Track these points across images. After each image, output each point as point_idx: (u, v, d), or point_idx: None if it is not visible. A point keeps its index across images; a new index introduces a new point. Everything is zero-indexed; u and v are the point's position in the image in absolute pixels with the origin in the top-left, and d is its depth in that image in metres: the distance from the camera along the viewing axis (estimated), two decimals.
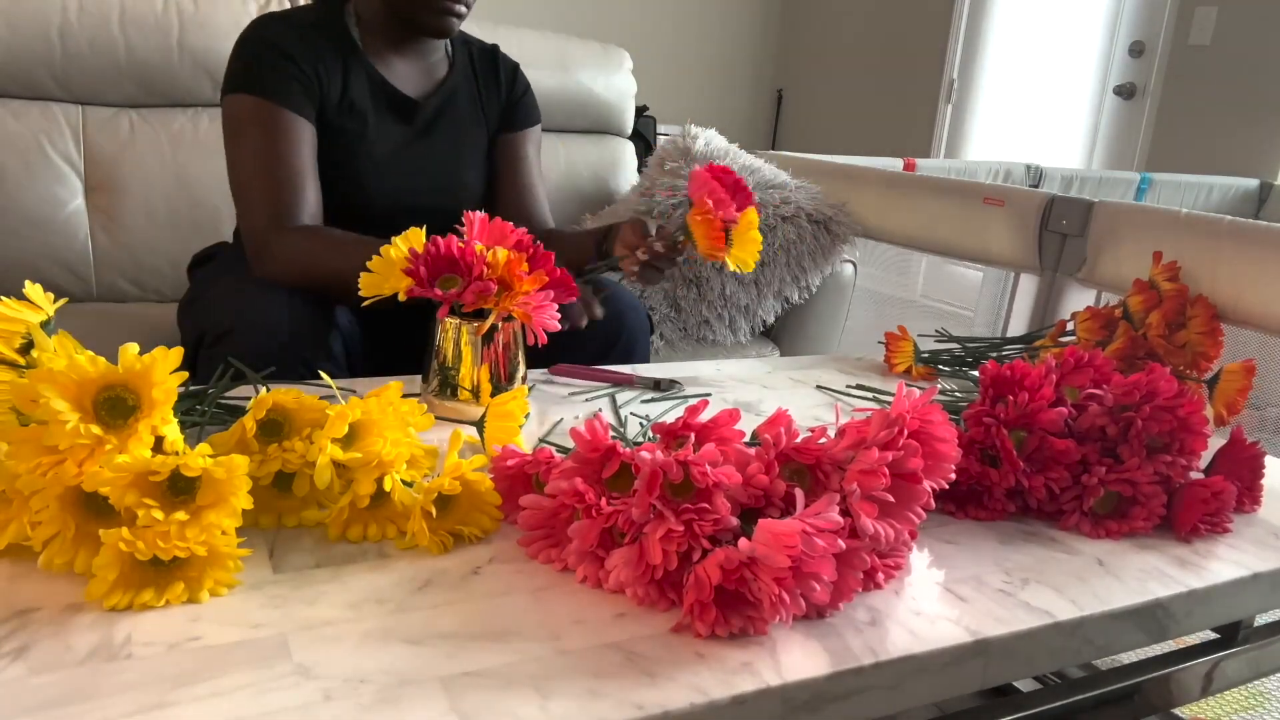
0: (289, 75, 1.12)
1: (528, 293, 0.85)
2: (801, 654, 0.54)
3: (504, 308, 0.85)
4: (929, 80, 4.22)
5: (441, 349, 0.90)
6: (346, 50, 1.19)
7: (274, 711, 0.46)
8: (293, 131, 1.12)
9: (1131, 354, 1.18)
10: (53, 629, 0.52)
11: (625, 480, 0.62)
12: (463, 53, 1.32)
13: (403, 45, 1.23)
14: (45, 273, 1.54)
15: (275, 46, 1.13)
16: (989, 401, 0.78)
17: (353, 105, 1.18)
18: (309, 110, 1.14)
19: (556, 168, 1.98)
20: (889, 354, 1.20)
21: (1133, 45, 3.50)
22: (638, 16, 4.59)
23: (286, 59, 1.13)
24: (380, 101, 1.21)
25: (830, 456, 0.62)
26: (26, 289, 0.65)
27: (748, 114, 5.05)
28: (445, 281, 0.85)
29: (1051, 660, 0.63)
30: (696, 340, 1.77)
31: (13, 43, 1.50)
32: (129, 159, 1.59)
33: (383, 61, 1.22)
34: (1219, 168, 3.01)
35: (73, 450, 0.55)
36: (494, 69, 1.34)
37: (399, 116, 1.23)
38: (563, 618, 0.57)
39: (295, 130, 1.12)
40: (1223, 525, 0.77)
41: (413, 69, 1.25)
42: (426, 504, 0.63)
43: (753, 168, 1.83)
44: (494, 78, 1.33)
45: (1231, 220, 1.24)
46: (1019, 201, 1.55)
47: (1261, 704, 1.33)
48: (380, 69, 1.21)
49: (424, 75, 1.26)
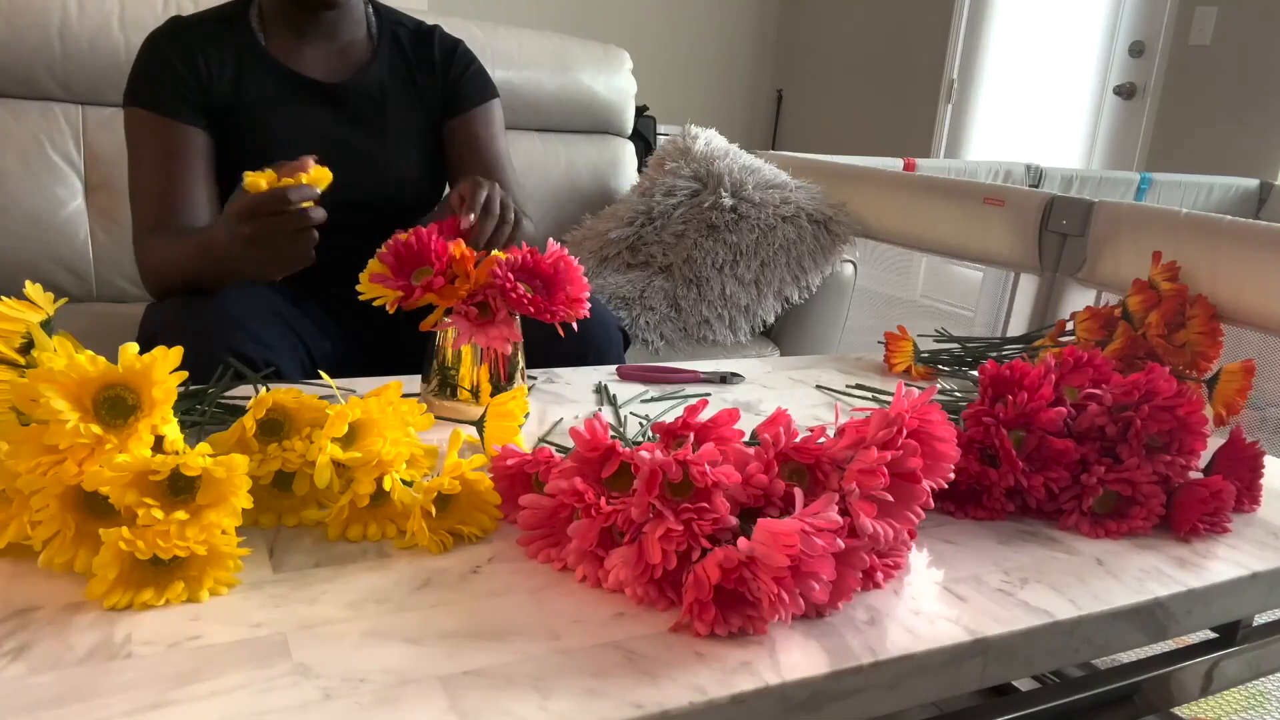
0: (173, 84, 1.11)
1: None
2: (800, 653, 0.55)
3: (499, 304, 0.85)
4: (929, 80, 4.22)
5: (441, 348, 0.90)
6: (246, 47, 1.16)
7: (274, 711, 0.46)
8: (177, 140, 1.11)
9: (1131, 354, 1.18)
10: (53, 628, 0.52)
11: (625, 480, 0.62)
12: (390, 36, 1.26)
13: (304, 29, 1.19)
14: (45, 273, 1.54)
15: (159, 54, 1.12)
16: (988, 401, 0.78)
17: (254, 99, 1.15)
18: (196, 117, 1.12)
19: (556, 168, 1.98)
20: (889, 354, 1.20)
21: (1133, 45, 3.50)
22: (638, 16, 4.59)
23: (171, 68, 1.12)
24: (289, 91, 1.18)
25: (829, 456, 0.62)
26: (26, 289, 0.65)
27: (748, 114, 5.05)
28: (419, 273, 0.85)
29: (1050, 660, 0.63)
30: (696, 340, 1.77)
31: (13, 43, 1.50)
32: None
33: (289, 51, 1.18)
34: (1219, 168, 3.01)
35: (73, 450, 0.55)
36: (428, 49, 1.27)
37: (315, 103, 1.19)
38: (562, 617, 0.57)
39: (180, 138, 1.11)
40: (1222, 525, 0.77)
41: (323, 54, 1.20)
42: (426, 503, 0.63)
43: (753, 168, 1.83)
44: (428, 58, 1.27)
45: (1231, 220, 1.24)
46: (1019, 201, 1.55)
47: (1261, 704, 1.33)
48: (287, 60, 1.18)
49: (338, 60, 1.21)
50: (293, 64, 1.18)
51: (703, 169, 1.81)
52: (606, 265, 1.81)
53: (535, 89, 1.94)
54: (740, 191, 1.76)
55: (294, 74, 1.18)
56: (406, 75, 1.25)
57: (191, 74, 1.12)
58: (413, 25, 1.29)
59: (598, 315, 1.19)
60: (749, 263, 1.74)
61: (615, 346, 1.21)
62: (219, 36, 1.15)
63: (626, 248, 1.81)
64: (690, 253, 1.75)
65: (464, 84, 1.28)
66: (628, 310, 1.72)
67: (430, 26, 1.29)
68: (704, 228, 1.75)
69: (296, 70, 1.18)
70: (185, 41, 1.13)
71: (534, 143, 1.97)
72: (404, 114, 1.25)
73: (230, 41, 1.16)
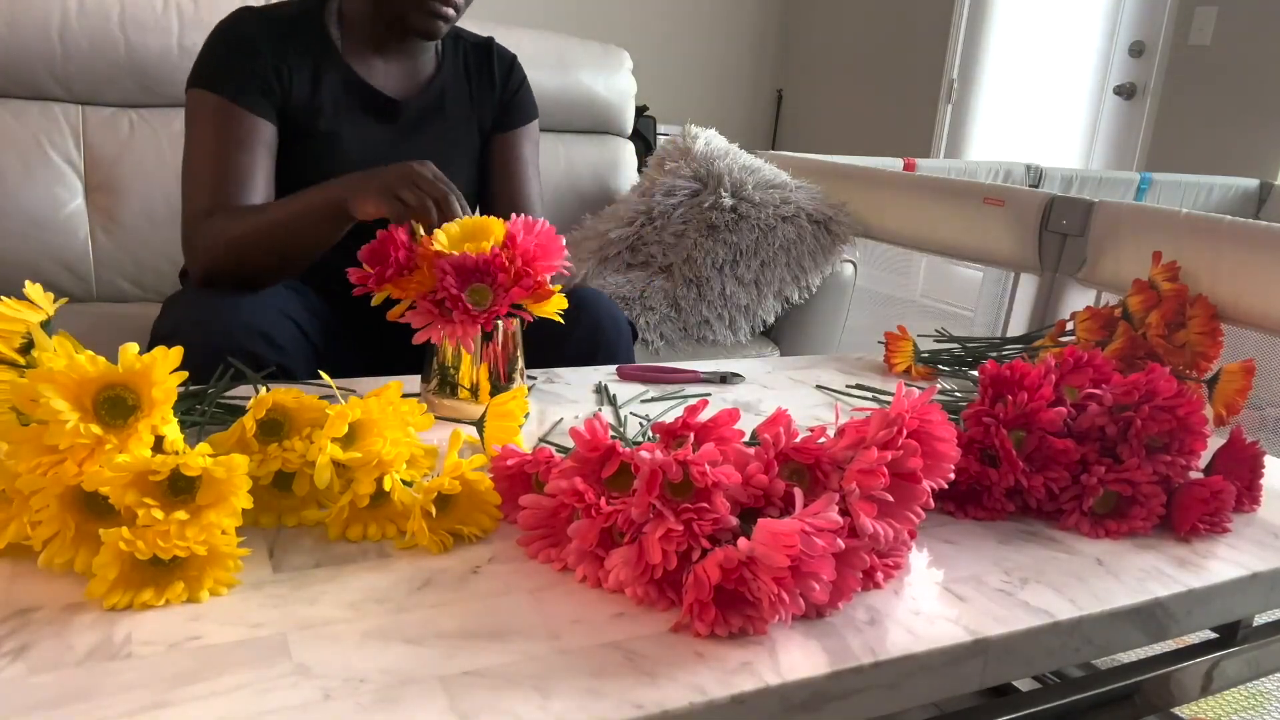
0: (249, 73, 1.10)
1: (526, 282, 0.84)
2: (801, 653, 0.55)
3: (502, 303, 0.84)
4: (929, 80, 4.22)
5: (442, 347, 0.89)
6: (321, 50, 1.15)
7: (274, 711, 0.46)
8: (244, 129, 1.10)
9: (1131, 354, 1.18)
10: (53, 629, 0.52)
11: (625, 480, 0.62)
12: (453, 49, 1.27)
13: (386, 46, 1.19)
14: (45, 273, 1.54)
15: (240, 42, 1.11)
16: (988, 401, 0.78)
17: (325, 107, 1.15)
18: (267, 110, 1.11)
19: (556, 168, 1.98)
20: (889, 354, 1.20)
21: (1133, 45, 3.50)
22: (638, 16, 4.59)
23: (249, 56, 1.10)
24: (357, 103, 1.18)
25: (830, 456, 0.62)
26: (26, 289, 0.65)
27: (748, 114, 5.05)
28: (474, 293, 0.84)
29: (1050, 660, 0.62)
30: (696, 340, 1.77)
31: (13, 43, 1.50)
32: (129, 159, 1.59)
33: (362, 62, 1.18)
34: (1219, 168, 3.01)
35: (73, 450, 0.55)
36: (488, 64, 1.29)
37: (380, 118, 1.20)
38: (562, 617, 0.57)
39: (247, 128, 1.10)
40: (1222, 525, 0.77)
41: (395, 69, 1.21)
42: (426, 504, 0.63)
43: (753, 168, 1.83)
44: (488, 73, 1.29)
45: (1231, 220, 1.24)
46: (1019, 201, 1.55)
47: (1261, 704, 1.33)
48: (359, 69, 1.18)
49: (408, 75, 1.23)
50: (364, 74, 1.18)
51: (703, 169, 1.81)
52: (606, 265, 1.81)
53: (535, 89, 1.93)
54: (740, 191, 1.76)
55: (366, 85, 1.18)
56: (467, 90, 1.27)
57: (271, 68, 1.11)
58: (471, 38, 1.31)
59: (607, 311, 1.20)
60: (749, 263, 1.74)
61: (625, 342, 1.21)
62: (296, 34, 1.15)
63: (626, 248, 1.81)
64: (690, 253, 1.75)
65: (518, 101, 1.31)
66: (628, 310, 1.72)
67: (486, 39, 1.31)
68: (704, 228, 1.75)
69: (368, 82, 1.18)
70: (265, 33, 1.12)
71: None
72: (461, 129, 1.26)
73: (307, 41, 1.15)
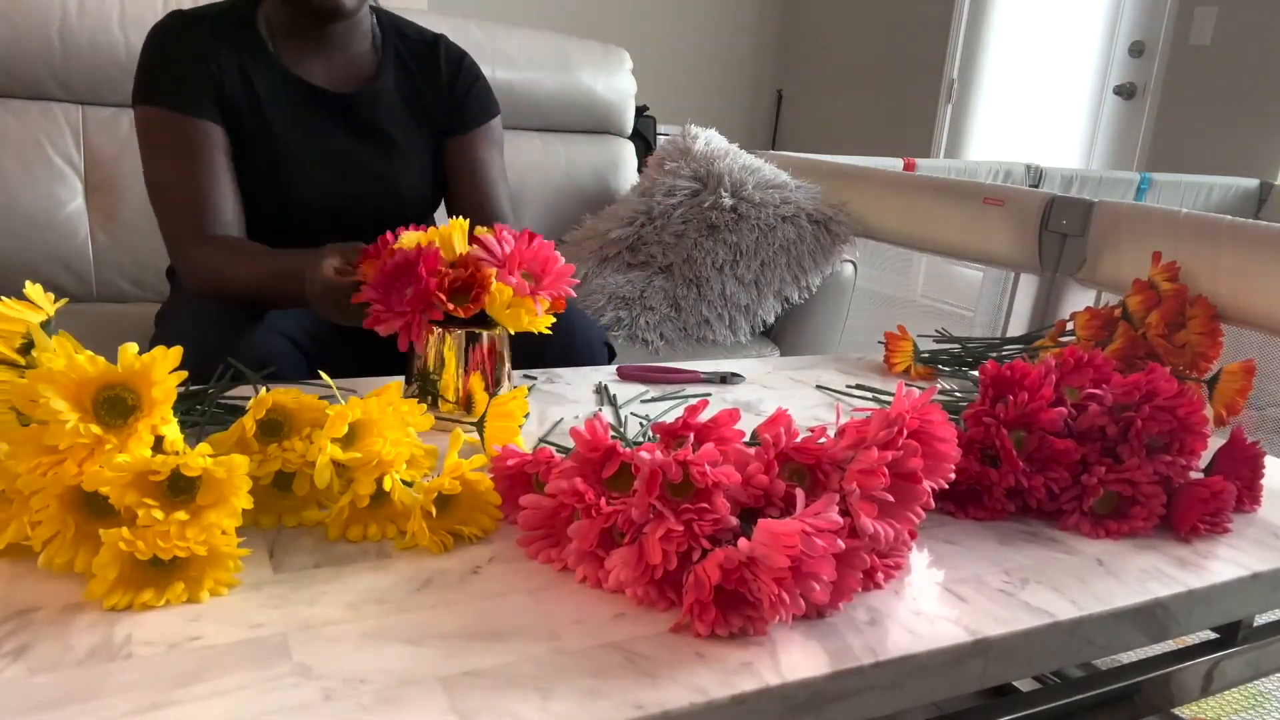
0: (187, 78, 1.09)
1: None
2: (801, 654, 0.54)
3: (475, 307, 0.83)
4: (929, 80, 4.22)
5: (422, 354, 0.87)
6: (253, 49, 1.14)
7: (274, 711, 0.46)
8: (198, 140, 1.09)
9: (1131, 354, 1.18)
10: (53, 629, 0.52)
11: (625, 480, 0.62)
12: (394, 46, 1.23)
13: (311, 38, 1.16)
14: (45, 273, 1.54)
15: (169, 49, 1.10)
16: (989, 401, 0.78)
17: (264, 104, 1.13)
18: (213, 112, 1.10)
19: (556, 168, 1.98)
20: (889, 354, 1.20)
21: (1133, 45, 3.50)
22: (638, 16, 4.59)
23: (179, 62, 1.09)
24: (298, 99, 1.15)
25: (830, 456, 0.62)
26: (26, 289, 0.65)
27: (748, 114, 5.05)
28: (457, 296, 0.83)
29: (1051, 660, 0.62)
30: (696, 340, 1.77)
31: (13, 43, 1.50)
32: (129, 159, 1.59)
33: (298, 61, 1.16)
34: (1219, 168, 3.01)
35: (73, 450, 0.55)
36: (433, 61, 1.24)
37: (324, 114, 1.17)
38: (562, 618, 0.57)
39: (202, 137, 1.09)
40: (1222, 525, 0.77)
41: (331, 65, 1.18)
42: (426, 504, 0.63)
43: (753, 168, 1.83)
44: (434, 71, 1.24)
45: (1231, 220, 1.24)
46: (1019, 201, 1.55)
47: (1261, 704, 1.33)
48: (294, 68, 1.16)
49: (345, 71, 1.19)
50: (300, 72, 1.16)
51: (703, 169, 1.81)
52: (606, 265, 1.81)
53: (535, 89, 1.94)
54: (740, 191, 1.76)
55: (302, 82, 1.16)
56: (411, 89, 1.23)
57: (203, 69, 1.10)
58: (415, 35, 1.26)
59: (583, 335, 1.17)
60: (749, 263, 1.74)
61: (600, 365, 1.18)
62: (226, 34, 1.13)
63: (626, 248, 1.81)
64: (690, 253, 1.75)
65: (469, 101, 1.26)
66: (628, 310, 1.72)
67: (435, 36, 1.27)
68: (704, 228, 1.75)
69: (304, 79, 1.16)
70: (194, 36, 1.11)
71: (534, 143, 1.97)
72: (410, 128, 1.23)
73: (237, 41, 1.14)
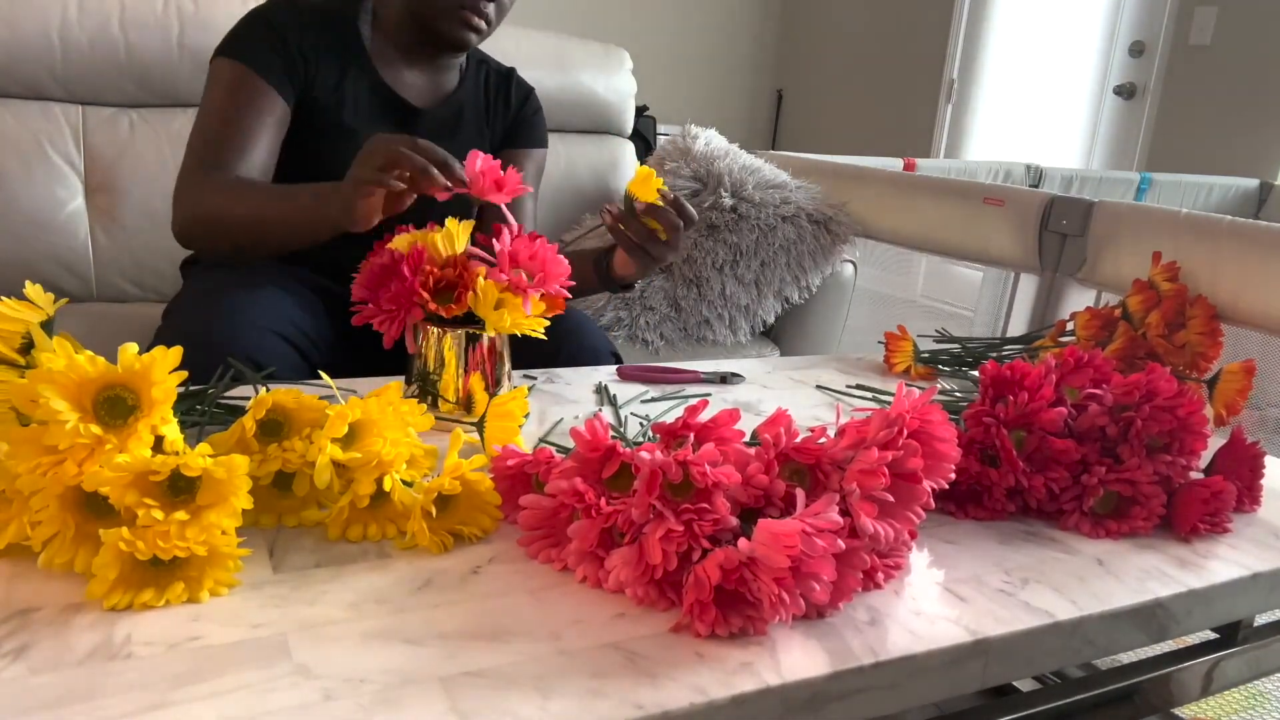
0: (275, 51, 1.10)
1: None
2: (801, 654, 0.54)
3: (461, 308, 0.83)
4: (929, 80, 4.22)
5: (423, 354, 0.87)
6: (350, 49, 1.17)
7: (274, 711, 0.46)
8: (258, 96, 1.10)
9: (1131, 354, 1.18)
10: (53, 629, 0.52)
11: (625, 480, 0.62)
12: (476, 70, 1.30)
13: (414, 54, 1.21)
14: (45, 273, 1.54)
15: (273, 23, 1.12)
16: (989, 401, 0.78)
17: (346, 104, 1.16)
18: (286, 88, 1.11)
19: (557, 167, 1.98)
20: (889, 354, 1.20)
21: (1133, 45, 3.50)
22: (638, 16, 4.59)
23: (280, 37, 1.11)
24: (379, 105, 1.19)
25: (830, 456, 0.62)
26: (26, 289, 0.65)
27: (748, 114, 5.05)
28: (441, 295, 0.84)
29: (1051, 660, 0.62)
30: (696, 340, 1.77)
31: (13, 43, 1.50)
32: (129, 159, 1.59)
33: (389, 67, 1.20)
34: (1219, 168, 3.01)
35: (73, 450, 0.55)
36: (506, 89, 1.33)
37: (399, 124, 1.21)
38: (562, 618, 0.57)
39: (261, 96, 1.10)
40: (1222, 525, 0.77)
41: (420, 79, 1.23)
42: (426, 504, 0.63)
43: (753, 168, 1.83)
44: (505, 97, 1.33)
45: (1231, 220, 1.24)
46: (1019, 201, 1.55)
47: (1261, 704, 1.33)
48: (385, 74, 1.19)
49: (431, 86, 1.24)
50: (389, 79, 1.19)
51: (703, 169, 1.81)
52: None
53: (535, 88, 1.94)
54: (740, 191, 1.76)
55: (389, 90, 1.19)
56: (483, 109, 1.30)
57: (299, 55, 1.12)
58: (495, 65, 1.34)
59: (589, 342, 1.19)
60: (749, 263, 1.74)
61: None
62: (328, 26, 1.15)
63: None
64: (690, 253, 1.75)
65: (527, 123, 1.34)
66: (628, 310, 1.72)
67: (509, 69, 1.35)
68: (704, 228, 1.75)
69: (392, 87, 1.19)
70: (295, 19, 1.13)
71: None
72: (472, 143, 1.27)
73: (336, 36, 1.16)
